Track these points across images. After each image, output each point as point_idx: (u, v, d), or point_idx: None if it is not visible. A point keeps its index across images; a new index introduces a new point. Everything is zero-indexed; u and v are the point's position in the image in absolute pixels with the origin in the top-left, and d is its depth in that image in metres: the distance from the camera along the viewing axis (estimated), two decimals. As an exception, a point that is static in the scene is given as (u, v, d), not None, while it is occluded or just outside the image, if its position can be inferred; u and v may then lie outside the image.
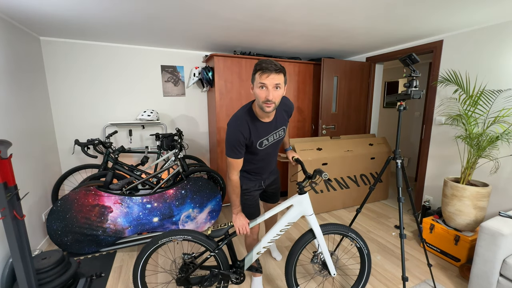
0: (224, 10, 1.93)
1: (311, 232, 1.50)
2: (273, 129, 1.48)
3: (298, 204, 1.47)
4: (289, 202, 1.49)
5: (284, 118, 1.54)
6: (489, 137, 2.03)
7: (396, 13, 2.02)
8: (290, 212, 1.49)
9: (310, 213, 1.47)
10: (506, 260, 1.55)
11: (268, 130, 1.46)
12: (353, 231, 1.54)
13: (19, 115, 2.12)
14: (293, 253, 1.50)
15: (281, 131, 1.53)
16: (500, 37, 2.20)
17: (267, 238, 1.53)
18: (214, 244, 1.47)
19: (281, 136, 1.55)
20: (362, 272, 1.64)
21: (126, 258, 2.23)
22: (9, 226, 1.28)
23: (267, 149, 1.52)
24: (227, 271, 1.50)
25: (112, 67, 2.97)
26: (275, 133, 1.50)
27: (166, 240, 1.41)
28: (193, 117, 3.50)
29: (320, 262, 1.57)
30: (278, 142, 1.57)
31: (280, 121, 1.50)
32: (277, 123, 1.48)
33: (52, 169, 2.66)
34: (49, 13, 1.96)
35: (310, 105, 3.65)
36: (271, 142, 1.51)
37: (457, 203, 2.04)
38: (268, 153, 1.57)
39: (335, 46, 3.09)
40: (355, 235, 1.54)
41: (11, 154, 1.29)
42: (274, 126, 1.48)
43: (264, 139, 1.46)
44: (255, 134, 1.41)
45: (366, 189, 3.37)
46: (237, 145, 1.37)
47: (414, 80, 1.61)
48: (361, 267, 1.65)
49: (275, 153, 1.65)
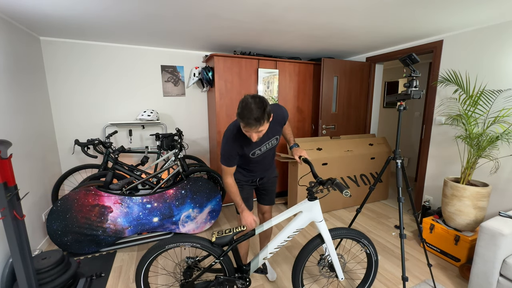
0: (224, 10, 1.93)
1: (319, 237, 1.45)
2: (266, 139, 1.49)
3: (308, 210, 1.42)
4: (297, 209, 1.44)
5: (277, 129, 1.54)
6: (489, 137, 2.03)
7: (396, 13, 2.02)
8: (299, 218, 1.44)
9: (320, 220, 1.41)
10: (506, 260, 1.55)
11: (260, 142, 1.48)
12: (365, 237, 1.51)
13: (19, 115, 2.12)
14: (301, 259, 1.46)
15: (273, 140, 1.54)
16: (500, 37, 2.20)
17: (274, 244, 1.49)
18: (220, 250, 1.43)
19: (274, 145, 1.58)
20: (367, 277, 1.63)
21: (126, 258, 2.23)
22: (9, 226, 1.28)
23: (260, 156, 1.56)
24: (232, 277, 1.47)
25: (112, 67, 2.97)
26: (268, 143, 1.52)
27: (174, 246, 1.38)
28: (193, 117, 3.50)
29: (327, 265, 1.55)
30: (272, 149, 1.60)
31: (273, 131, 1.50)
32: (269, 134, 1.49)
33: (52, 169, 2.67)
34: (49, 13, 1.96)
35: (310, 105, 3.65)
36: (264, 151, 1.54)
37: (457, 203, 2.04)
38: (264, 157, 1.60)
39: (335, 46, 3.09)
40: (367, 241, 1.52)
41: (11, 154, 1.29)
42: (267, 137, 1.49)
43: (257, 150, 1.50)
44: (247, 148, 1.46)
45: (366, 189, 3.37)
46: (230, 156, 1.45)
47: (414, 80, 1.61)
48: (367, 272, 1.64)
49: (272, 155, 1.66)
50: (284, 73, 3.37)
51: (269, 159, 1.67)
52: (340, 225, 2.80)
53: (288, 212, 1.44)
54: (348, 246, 2.39)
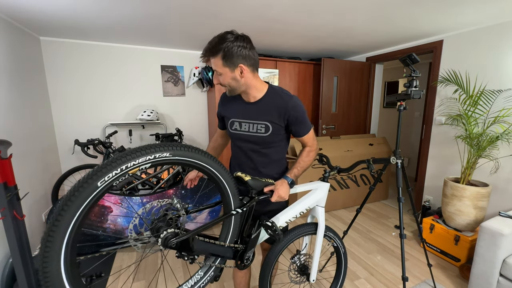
0: (224, 11, 1.93)
1: (314, 225, 1.39)
2: (253, 116, 1.17)
3: (320, 190, 1.36)
4: (312, 186, 1.36)
5: (271, 114, 1.15)
6: (489, 137, 2.03)
7: (396, 13, 2.02)
8: (313, 195, 1.35)
9: (323, 205, 1.38)
10: (506, 260, 1.55)
11: (244, 113, 1.19)
12: (330, 229, 1.44)
13: (19, 115, 2.12)
14: (289, 239, 1.33)
15: (261, 126, 1.17)
16: (500, 37, 2.20)
17: (286, 216, 1.28)
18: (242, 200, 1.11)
19: (260, 133, 1.18)
20: (338, 273, 1.57)
21: (126, 258, 2.22)
22: (9, 226, 1.28)
23: (238, 140, 1.25)
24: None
25: (112, 67, 2.96)
26: (252, 124, 1.18)
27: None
28: (193, 117, 3.50)
29: (299, 264, 1.43)
30: (255, 139, 1.20)
31: (265, 112, 1.16)
32: (260, 111, 1.16)
33: (52, 169, 2.66)
34: (49, 13, 1.96)
35: (310, 105, 3.65)
36: (243, 132, 1.20)
37: (457, 203, 2.04)
38: (240, 148, 1.26)
39: (335, 46, 3.09)
40: (333, 234, 1.45)
41: (11, 154, 1.29)
42: (255, 113, 1.17)
43: (236, 121, 1.21)
44: (230, 110, 1.24)
45: (366, 189, 3.37)
46: (218, 113, 1.35)
47: (414, 80, 1.61)
48: (338, 267, 1.56)
49: (257, 151, 1.23)
50: (284, 73, 3.37)
51: (253, 156, 1.24)
52: (340, 226, 2.80)
53: (306, 186, 1.36)
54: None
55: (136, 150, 0.75)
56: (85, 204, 0.68)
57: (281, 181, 1.17)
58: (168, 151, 0.80)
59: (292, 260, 1.44)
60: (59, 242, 0.67)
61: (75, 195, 0.66)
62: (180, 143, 0.85)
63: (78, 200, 0.67)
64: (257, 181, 1.11)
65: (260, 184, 1.13)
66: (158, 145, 0.79)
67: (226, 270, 2.07)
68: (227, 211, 1.06)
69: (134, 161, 0.74)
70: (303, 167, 1.24)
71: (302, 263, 1.44)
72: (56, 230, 0.66)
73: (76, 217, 0.67)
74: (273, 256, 1.30)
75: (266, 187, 1.15)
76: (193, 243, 0.95)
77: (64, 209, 0.66)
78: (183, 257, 0.96)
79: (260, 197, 1.13)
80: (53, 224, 0.66)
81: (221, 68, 1.07)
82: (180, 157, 0.84)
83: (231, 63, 1.06)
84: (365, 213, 3.14)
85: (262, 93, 1.17)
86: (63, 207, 0.66)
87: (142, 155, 0.75)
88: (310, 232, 1.40)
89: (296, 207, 1.32)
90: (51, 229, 0.66)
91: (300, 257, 1.44)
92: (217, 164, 0.95)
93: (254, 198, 1.12)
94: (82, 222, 0.69)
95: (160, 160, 0.79)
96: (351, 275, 2.01)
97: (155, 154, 0.77)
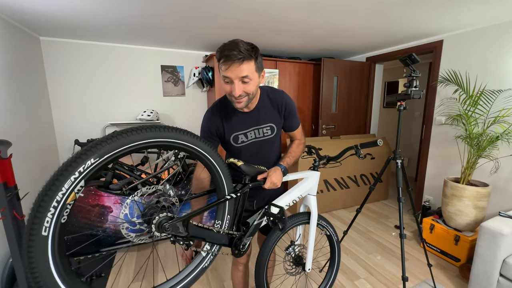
0: (224, 10, 1.93)
1: (307, 214, 1.40)
2: (254, 123, 1.16)
3: (311, 178, 1.38)
4: (303, 174, 1.39)
5: (273, 115, 1.18)
6: (489, 137, 2.03)
7: (396, 13, 2.02)
8: (305, 183, 1.36)
9: (314, 193, 1.40)
10: (506, 260, 1.55)
11: (246, 123, 1.16)
12: (322, 218, 1.45)
13: (19, 115, 2.12)
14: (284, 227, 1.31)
15: (266, 128, 1.18)
16: (500, 37, 2.20)
17: (284, 200, 1.28)
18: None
19: (268, 136, 1.20)
20: (333, 261, 1.57)
21: (126, 258, 2.23)
22: (9, 226, 1.29)
23: (249, 149, 1.20)
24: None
25: (112, 67, 2.96)
26: (257, 130, 1.17)
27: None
28: (193, 117, 3.50)
29: (294, 255, 1.43)
30: (265, 143, 1.21)
31: (266, 115, 1.17)
32: (260, 116, 1.16)
33: (52, 169, 2.66)
34: (49, 13, 1.96)
35: (310, 105, 3.65)
36: (252, 141, 1.18)
37: (457, 203, 2.04)
38: (254, 155, 1.22)
39: (335, 46, 3.09)
40: (325, 222, 1.46)
41: (11, 154, 1.29)
42: (256, 120, 1.16)
43: (241, 134, 1.17)
44: (228, 126, 1.16)
45: (366, 189, 3.36)
46: (206, 135, 1.17)
47: (414, 80, 1.61)
48: (331, 255, 1.56)
49: (268, 157, 1.26)
50: (284, 73, 3.37)
51: (265, 160, 1.23)
52: (340, 226, 2.80)
53: (297, 174, 1.38)
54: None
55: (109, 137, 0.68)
56: (66, 195, 0.62)
57: (274, 168, 1.17)
58: (150, 132, 0.74)
59: (287, 251, 1.44)
60: (43, 236, 0.61)
61: (55, 184, 0.61)
62: (165, 125, 0.79)
63: (59, 186, 0.61)
64: (250, 167, 1.10)
65: (254, 170, 1.12)
66: (139, 128, 0.72)
67: (225, 270, 2.08)
68: (220, 196, 1.04)
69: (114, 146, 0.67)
70: (294, 157, 1.28)
71: (297, 253, 1.45)
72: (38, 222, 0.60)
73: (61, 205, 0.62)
74: (268, 247, 1.30)
75: (260, 175, 1.15)
76: (188, 228, 0.92)
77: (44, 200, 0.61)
78: (178, 241, 0.92)
79: (253, 184, 1.12)
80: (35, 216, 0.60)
81: (253, 73, 1.00)
82: (167, 139, 0.78)
83: (260, 68, 1.03)
84: (365, 213, 3.14)
85: (257, 98, 1.16)
86: (43, 198, 0.61)
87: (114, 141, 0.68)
88: (304, 221, 1.40)
89: (289, 195, 1.32)
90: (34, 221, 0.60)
91: (294, 248, 1.44)
92: (207, 147, 0.91)
93: (248, 184, 1.10)
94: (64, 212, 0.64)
95: (145, 144, 0.73)
96: (351, 275, 2.01)
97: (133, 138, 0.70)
